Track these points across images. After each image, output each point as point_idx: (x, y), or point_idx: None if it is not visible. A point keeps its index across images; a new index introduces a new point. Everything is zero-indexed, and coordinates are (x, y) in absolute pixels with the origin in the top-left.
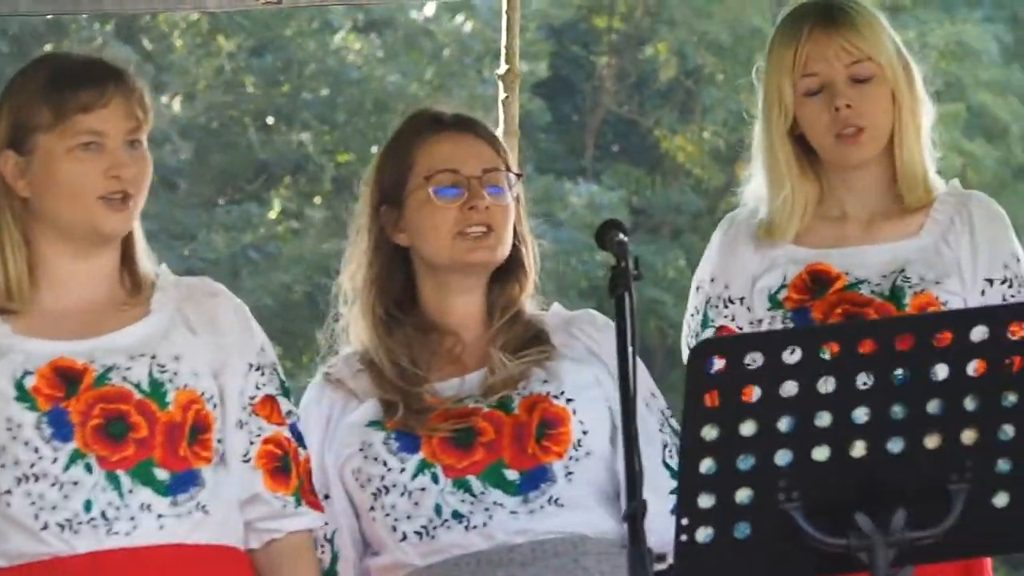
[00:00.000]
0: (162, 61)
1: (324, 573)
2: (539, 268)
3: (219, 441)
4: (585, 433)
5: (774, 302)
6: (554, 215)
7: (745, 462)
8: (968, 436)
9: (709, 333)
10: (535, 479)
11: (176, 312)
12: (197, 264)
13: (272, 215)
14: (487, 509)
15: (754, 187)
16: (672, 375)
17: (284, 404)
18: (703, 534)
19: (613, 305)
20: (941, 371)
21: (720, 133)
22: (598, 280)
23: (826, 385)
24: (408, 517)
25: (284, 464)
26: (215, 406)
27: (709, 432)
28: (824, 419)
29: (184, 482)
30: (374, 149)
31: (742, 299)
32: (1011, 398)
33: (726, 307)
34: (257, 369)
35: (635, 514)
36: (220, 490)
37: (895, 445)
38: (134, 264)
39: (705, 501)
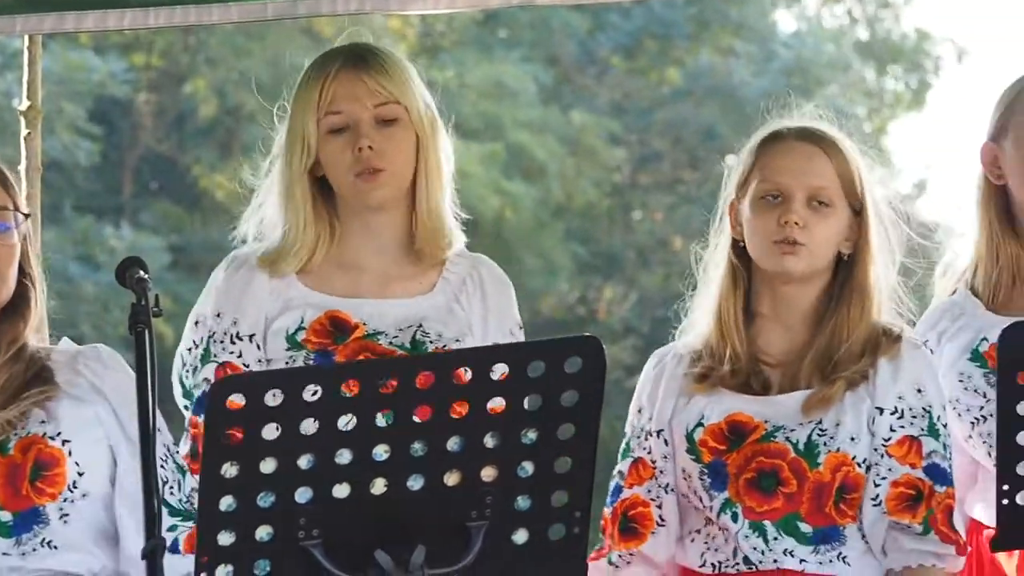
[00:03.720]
0: None
1: None
2: (48, 305)
3: None
4: (81, 475)
5: (292, 343)
6: (94, 258)
7: (265, 499)
8: (488, 473)
9: (210, 369)
10: (28, 521)
11: None
12: None
13: None
14: None
15: (266, 220)
16: None
17: None
18: (223, 572)
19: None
20: (461, 408)
21: (259, 171)
22: None
23: (347, 423)
24: None
25: None
26: None
27: (229, 469)
28: (344, 457)
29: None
30: None
31: (252, 336)
32: (530, 435)
33: (233, 343)
34: None
35: (154, 551)
36: None
37: (415, 482)
38: None
39: (225, 539)
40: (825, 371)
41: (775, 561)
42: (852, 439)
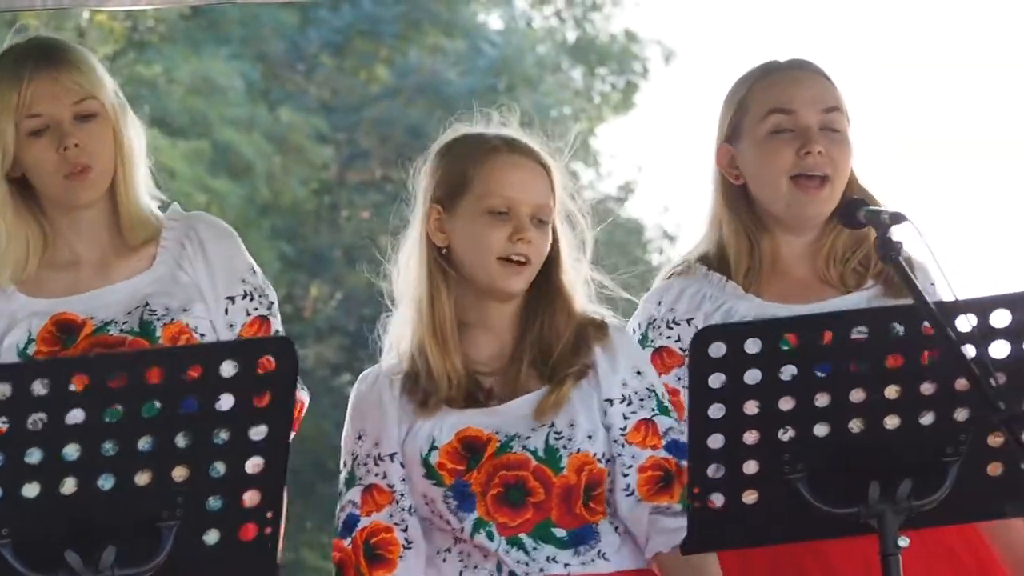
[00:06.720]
0: None
1: None
2: None
3: None
4: None
5: (25, 358)
6: None
7: None
8: (179, 473)
9: None
10: None
11: None
12: None
13: None
14: None
15: None
16: None
17: None
18: None
19: None
20: (155, 407)
21: None
22: None
23: (36, 422)
24: None
25: None
26: None
27: None
28: (34, 456)
29: None
30: None
31: None
32: (222, 435)
33: None
34: None
35: None
36: None
37: (106, 482)
38: None
39: None
40: (544, 373)
41: (541, 570)
42: (589, 437)
